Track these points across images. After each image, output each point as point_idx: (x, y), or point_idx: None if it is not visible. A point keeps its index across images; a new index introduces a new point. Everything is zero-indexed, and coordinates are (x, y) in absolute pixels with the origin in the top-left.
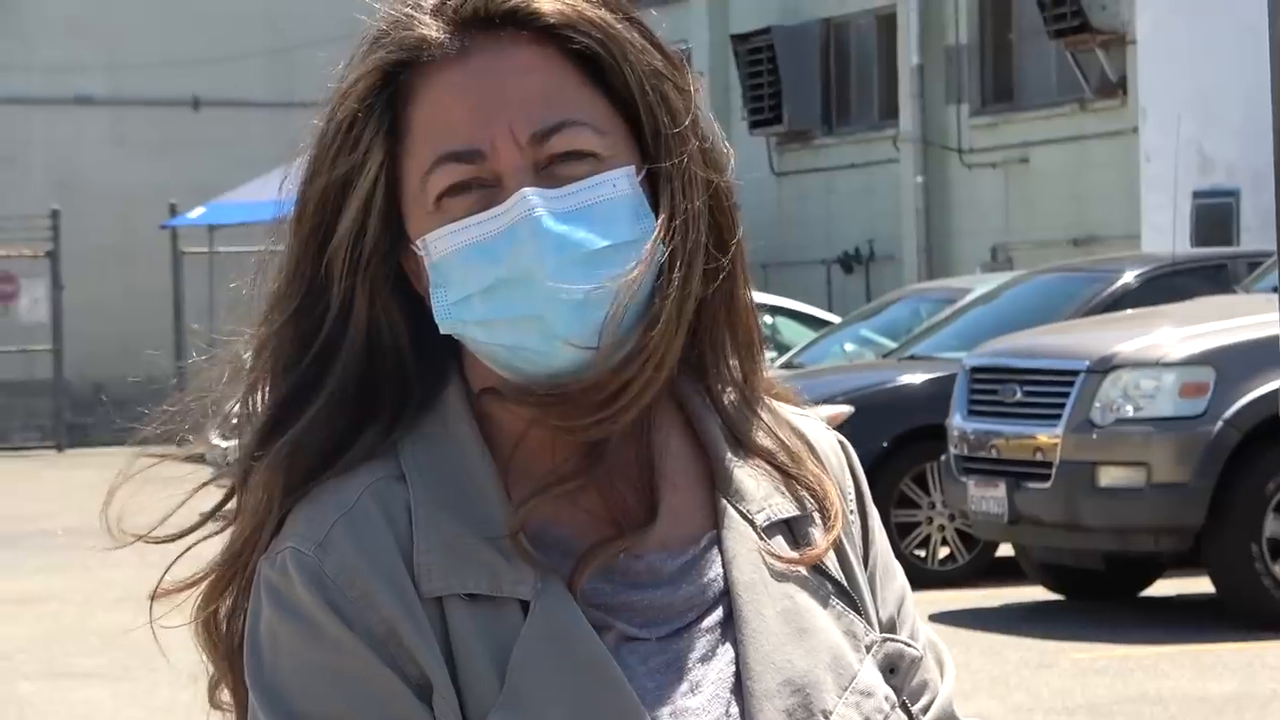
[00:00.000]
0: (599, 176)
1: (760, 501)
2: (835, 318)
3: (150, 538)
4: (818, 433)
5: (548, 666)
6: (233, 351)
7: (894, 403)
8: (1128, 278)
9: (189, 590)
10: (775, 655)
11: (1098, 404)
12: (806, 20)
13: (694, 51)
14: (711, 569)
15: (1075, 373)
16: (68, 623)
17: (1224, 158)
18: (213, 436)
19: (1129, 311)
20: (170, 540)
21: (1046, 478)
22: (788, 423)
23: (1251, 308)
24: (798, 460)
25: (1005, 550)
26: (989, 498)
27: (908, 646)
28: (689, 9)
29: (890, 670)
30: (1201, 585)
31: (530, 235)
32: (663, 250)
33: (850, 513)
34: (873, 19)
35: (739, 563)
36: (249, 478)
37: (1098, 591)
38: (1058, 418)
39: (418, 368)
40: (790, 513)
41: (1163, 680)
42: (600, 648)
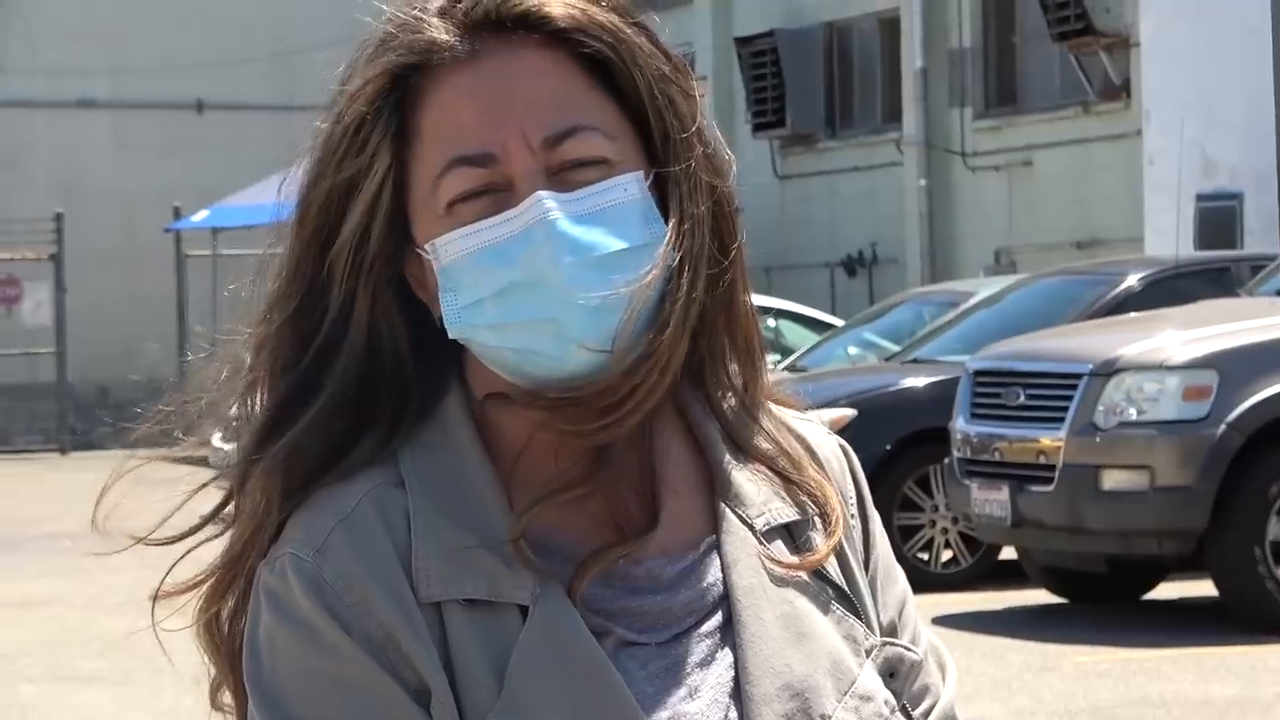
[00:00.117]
0: (611, 181)
1: (760, 506)
2: (838, 321)
3: (150, 540)
4: (819, 437)
5: (546, 672)
6: (231, 351)
7: (897, 406)
8: (1131, 281)
9: (190, 593)
10: (774, 660)
11: (1101, 407)
12: (810, 23)
13: (697, 55)
14: (711, 574)
15: (1078, 376)
16: (71, 626)
17: (1227, 161)
18: (215, 439)
19: (1132, 315)
20: (170, 543)
21: (1049, 481)
22: (788, 427)
23: (1255, 311)
24: (798, 465)
25: (1008, 553)
26: (992, 501)
27: (907, 651)
28: (692, 12)
29: (890, 674)
30: (1204, 589)
31: (545, 238)
32: (674, 255)
33: (851, 517)
34: (876, 22)
35: (738, 567)
36: (246, 480)
37: (1101, 594)
38: (1061, 421)
39: (417, 373)
40: (790, 517)
41: (1165, 683)
42: (599, 653)
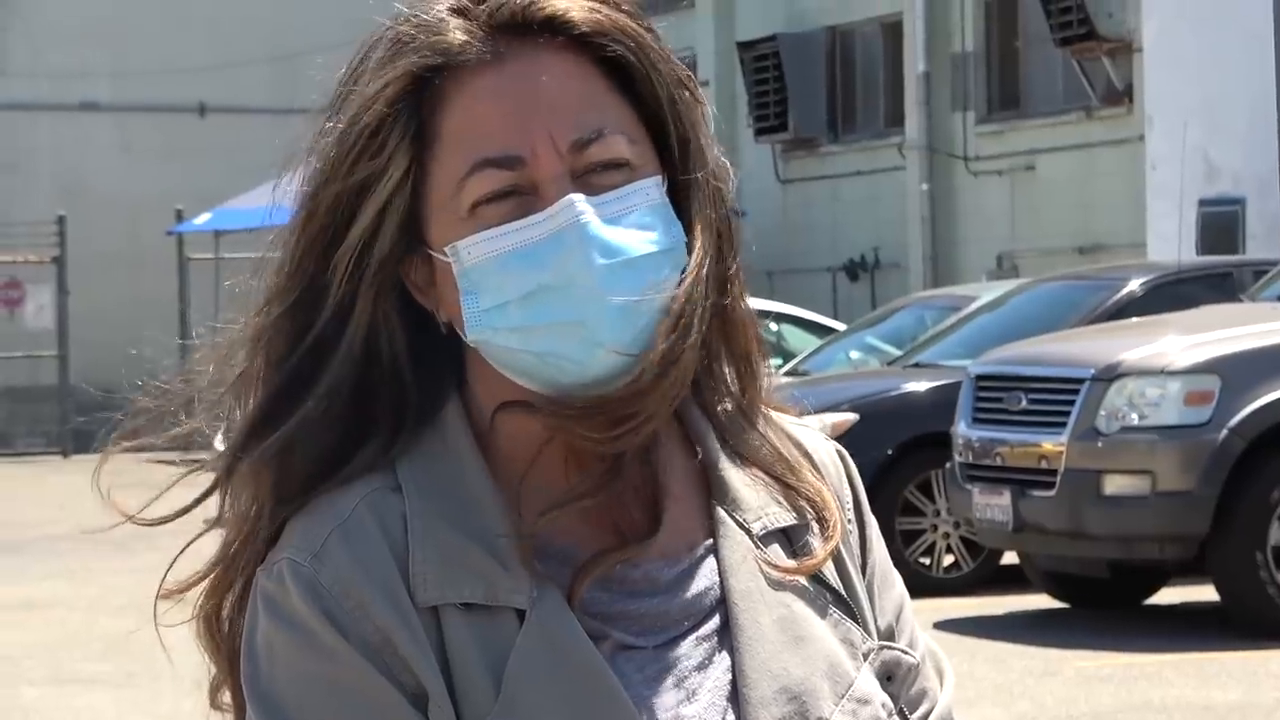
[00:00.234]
0: (635, 185)
1: (757, 510)
2: (840, 325)
3: (139, 519)
4: (815, 442)
5: (543, 676)
6: (227, 339)
7: (899, 410)
8: (1133, 286)
9: (190, 589)
10: (771, 663)
11: (1103, 412)
12: (812, 27)
13: (700, 59)
14: (708, 578)
15: (1080, 381)
16: (72, 629)
17: (1230, 166)
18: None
19: (1134, 320)
20: (160, 522)
21: (1051, 485)
22: (785, 432)
23: (1257, 316)
24: (795, 470)
25: (1010, 558)
26: (994, 505)
27: (905, 654)
28: (695, 17)
29: (887, 678)
30: (1206, 593)
31: (578, 241)
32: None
33: (849, 522)
34: (878, 26)
35: (735, 571)
36: (234, 469)
37: (1102, 599)
38: (1063, 425)
39: (415, 380)
40: (787, 522)
41: (1167, 688)
42: (596, 656)
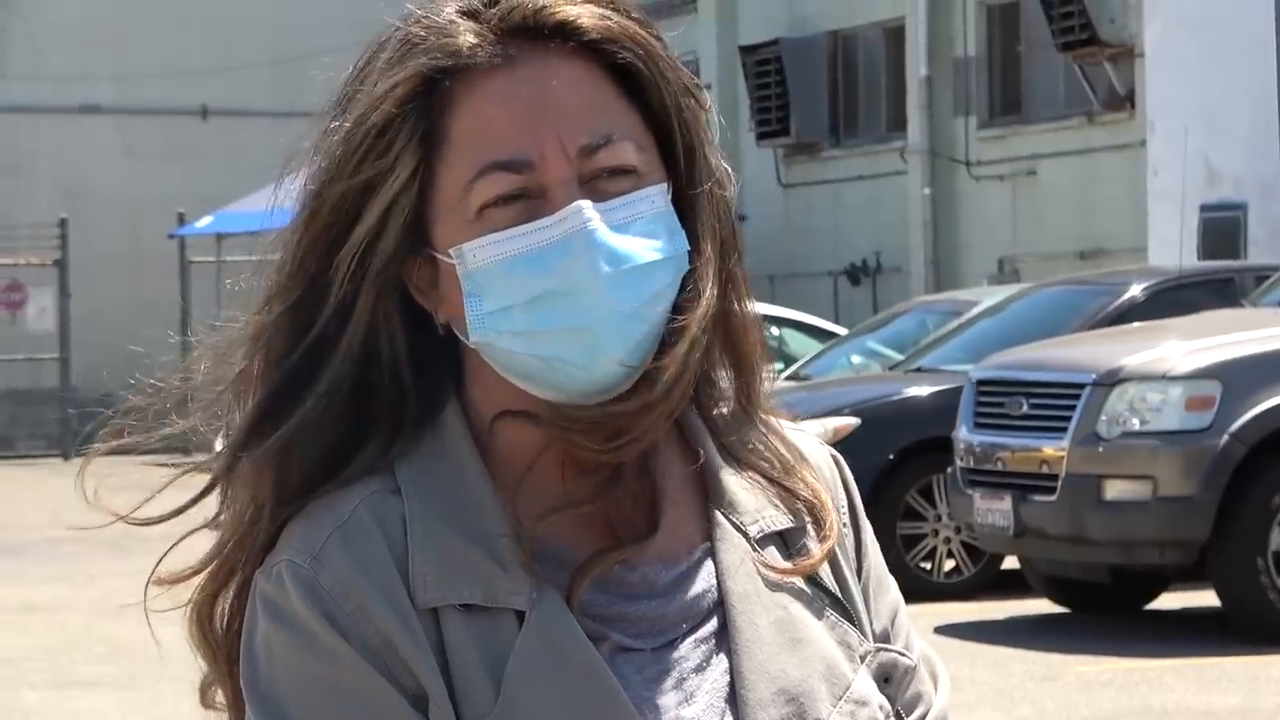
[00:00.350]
0: (641, 192)
1: (754, 513)
2: (842, 330)
3: (132, 519)
4: (811, 447)
5: (543, 677)
6: (226, 337)
7: (900, 415)
8: (1134, 291)
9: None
10: (769, 665)
11: (1104, 417)
12: (814, 32)
13: (702, 63)
14: (705, 580)
15: (1081, 386)
16: (73, 631)
17: (1231, 171)
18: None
19: (1135, 325)
20: (153, 523)
21: (1052, 490)
22: (781, 436)
23: (1258, 321)
24: (791, 473)
25: (1011, 563)
26: (995, 510)
27: (901, 656)
28: (697, 21)
29: (885, 679)
30: (1206, 599)
31: (585, 248)
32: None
33: (844, 526)
34: (880, 31)
35: (732, 574)
36: (233, 468)
37: (1103, 604)
38: (1064, 430)
39: (414, 382)
40: (784, 524)
41: (1167, 693)
42: (595, 658)
